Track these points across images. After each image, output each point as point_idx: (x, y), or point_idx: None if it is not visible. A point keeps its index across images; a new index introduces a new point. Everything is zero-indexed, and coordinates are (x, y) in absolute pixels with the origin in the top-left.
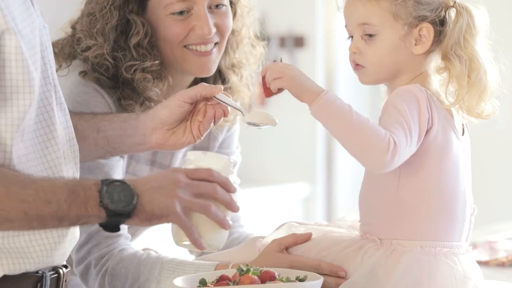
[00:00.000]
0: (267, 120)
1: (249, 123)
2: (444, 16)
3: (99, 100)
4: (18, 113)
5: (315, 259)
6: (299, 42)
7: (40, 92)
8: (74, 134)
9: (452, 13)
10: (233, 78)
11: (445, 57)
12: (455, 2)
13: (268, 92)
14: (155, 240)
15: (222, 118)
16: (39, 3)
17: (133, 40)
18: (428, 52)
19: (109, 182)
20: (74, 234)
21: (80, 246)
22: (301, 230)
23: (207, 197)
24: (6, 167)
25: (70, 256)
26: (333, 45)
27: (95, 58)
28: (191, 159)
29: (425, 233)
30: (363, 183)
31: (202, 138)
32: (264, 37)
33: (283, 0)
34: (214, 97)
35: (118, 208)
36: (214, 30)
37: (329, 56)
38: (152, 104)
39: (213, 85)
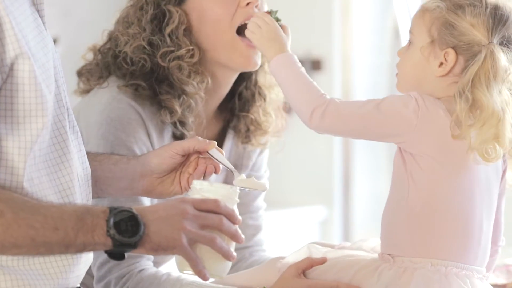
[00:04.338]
0: (257, 186)
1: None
2: (475, 53)
3: (133, 116)
4: (31, 137)
5: (332, 281)
6: (316, 65)
7: (54, 115)
8: (86, 158)
9: (485, 51)
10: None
11: (457, 94)
12: (489, 42)
13: None
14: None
15: (213, 174)
16: (58, 28)
17: (168, 29)
18: (451, 81)
19: (117, 211)
20: (88, 256)
21: (102, 264)
22: (322, 251)
23: (212, 228)
24: (19, 191)
25: (90, 274)
26: (350, 68)
27: (133, 53)
28: (197, 188)
29: (436, 251)
30: (387, 200)
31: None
32: None
33: (300, 23)
34: (207, 152)
35: (124, 238)
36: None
37: (346, 79)
38: (190, 100)
39: (207, 141)
